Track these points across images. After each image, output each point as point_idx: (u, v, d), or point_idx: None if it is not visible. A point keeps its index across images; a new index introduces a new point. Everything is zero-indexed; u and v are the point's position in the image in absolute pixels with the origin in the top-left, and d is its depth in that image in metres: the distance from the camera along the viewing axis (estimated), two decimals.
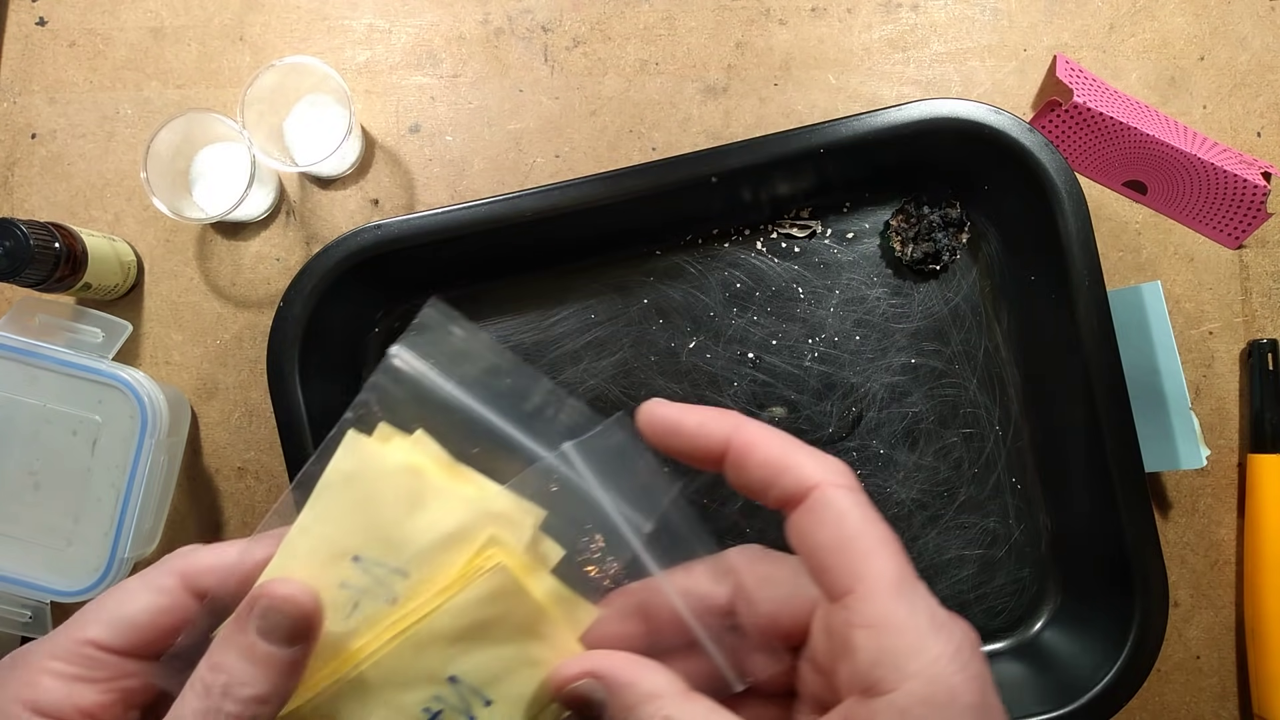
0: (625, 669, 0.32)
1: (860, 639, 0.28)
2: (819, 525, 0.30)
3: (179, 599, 0.33)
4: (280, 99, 0.53)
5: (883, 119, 0.48)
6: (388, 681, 0.33)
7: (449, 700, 0.34)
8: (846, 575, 0.29)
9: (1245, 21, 0.56)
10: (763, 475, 0.31)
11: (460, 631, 0.33)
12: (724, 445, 0.32)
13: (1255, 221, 0.54)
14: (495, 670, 0.34)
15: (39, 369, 0.49)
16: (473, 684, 0.34)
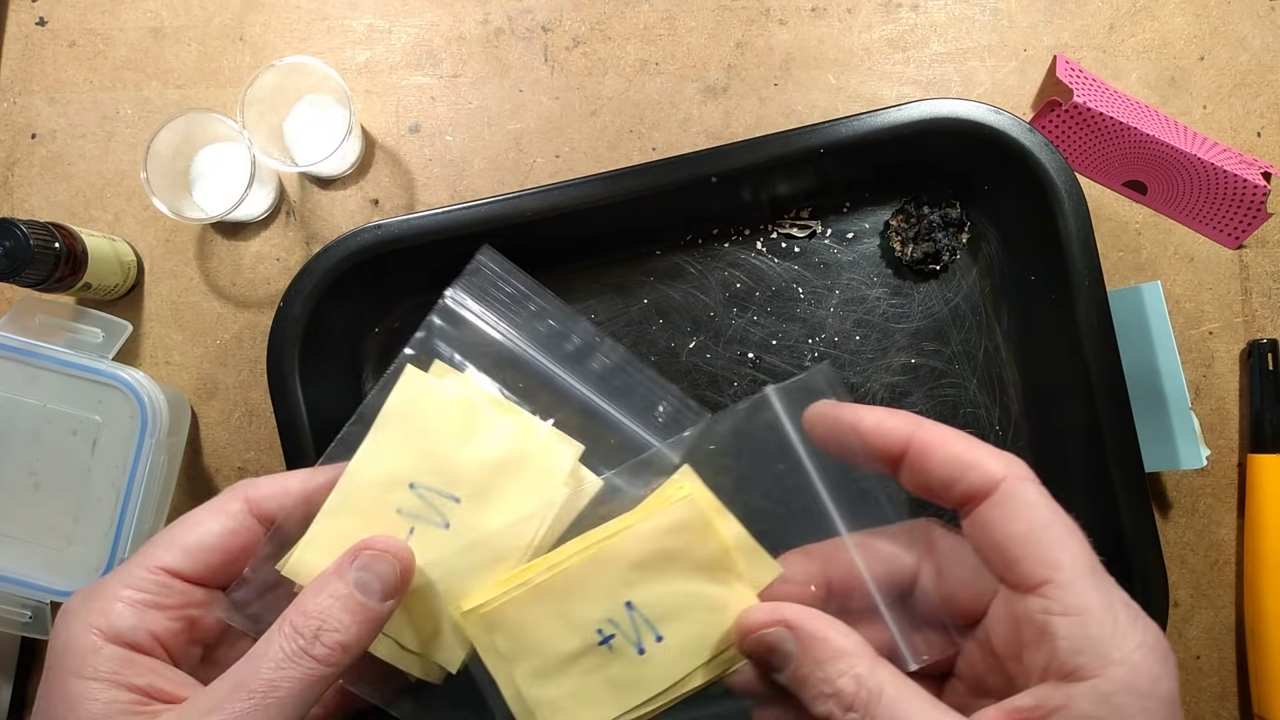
0: (818, 623, 0.32)
1: (1061, 626, 0.28)
2: (1009, 517, 0.30)
3: (245, 523, 0.34)
4: (280, 99, 0.53)
5: (883, 119, 0.48)
6: (569, 593, 0.34)
7: (623, 626, 0.34)
8: (1042, 565, 0.29)
9: (1245, 21, 0.56)
10: (945, 473, 0.31)
11: (643, 558, 0.34)
12: (904, 445, 0.32)
13: (1255, 221, 0.54)
14: (671, 606, 0.34)
15: (39, 369, 0.49)
16: (647, 615, 0.34)
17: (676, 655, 0.34)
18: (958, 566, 0.33)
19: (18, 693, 0.53)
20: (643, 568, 0.34)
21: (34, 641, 0.54)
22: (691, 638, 0.34)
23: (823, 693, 0.30)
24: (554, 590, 0.34)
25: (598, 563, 0.34)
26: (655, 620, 0.34)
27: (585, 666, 0.34)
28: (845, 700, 0.30)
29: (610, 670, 0.34)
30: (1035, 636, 0.29)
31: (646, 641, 0.34)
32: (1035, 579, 0.29)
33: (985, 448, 0.32)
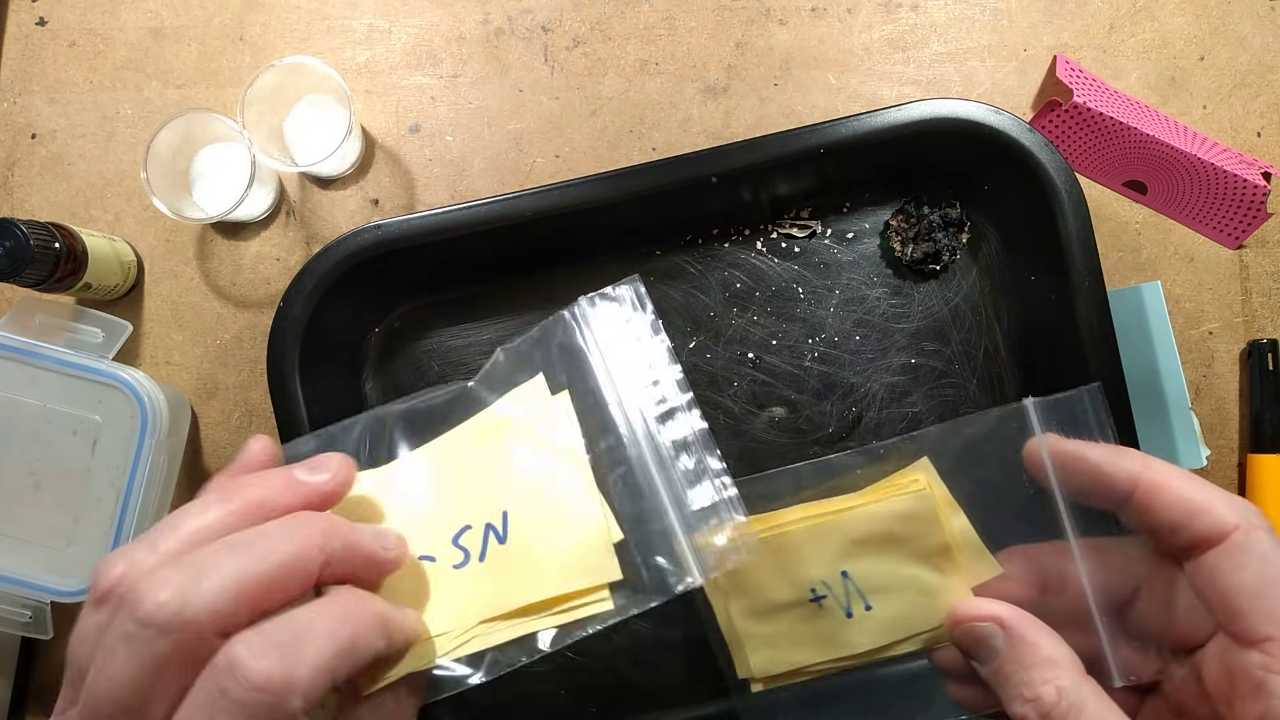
0: (1031, 628, 0.32)
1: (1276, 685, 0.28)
2: (1240, 568, 0.29)
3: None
4: (280, 99, 0.53)
5: (883, 119, 0.48)
6: (790, 553, 0.36)
7: (835, 590, 0.37)
8: (1268, 621, 0.29)
9: (1245, 21, 0.56)
10: (1173, 517, 0.31)
11: (866, 536, 0.37)
12: (1132, 484, 0.32)
13: (1255, 221, 0.54)
14: (884, 582, 0.37)
15: (39, 369, 0.49)
16: (860, 586, 0.37)
17: (881, 626, 0.37)
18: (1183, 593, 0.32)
19: (18, 693, 0.53)
20: (864, 544, 0.36)
21: (34, 641, 0.54)
22: (899, 614, 0.37)
23: (1022, 695, 0.31)
24: (776, 548, 0.36)
25: (822, 532, 0.36)
26: (867, 591, 0.37)
27: (795, 615, 0.37)
28: (1043, 708, 0.30)
29: (817, 624, 0.37)
30: (1251, 690, 0.29)
31: (855, 608, 0.37)
32: (1258, 634, 0.29)
33: (1218, 493, 0.31)
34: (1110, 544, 0.35)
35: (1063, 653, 0.31)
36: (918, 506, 0.36)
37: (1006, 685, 0.32)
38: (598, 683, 0.50)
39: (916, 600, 0.36)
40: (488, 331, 0.53)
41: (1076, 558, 0.34)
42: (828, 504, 0.37)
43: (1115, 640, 0.34)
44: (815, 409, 0.52)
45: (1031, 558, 0.36)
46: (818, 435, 0.52)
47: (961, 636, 0.34)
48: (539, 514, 0.35)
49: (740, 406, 0.52)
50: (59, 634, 0.53)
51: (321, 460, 0.33)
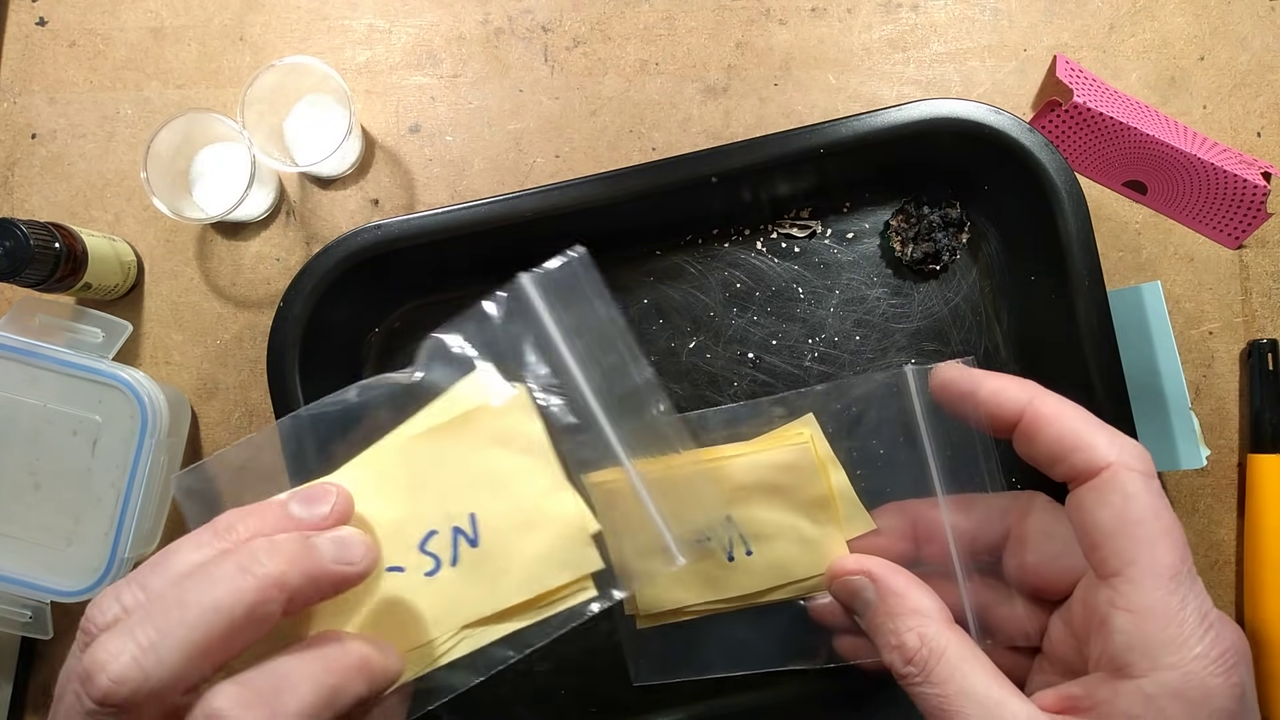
0: (898, 580, 0.34)
1: (1119, 620, 0.28)
2: (1101, 504, 0.30)
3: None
4: (280, 99, 0.53)
5: (883, 119, 0.48)
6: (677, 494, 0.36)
7: (718, 535, 0.38)
8: (1118, 558, 0.29)
9: (1245, 21, 0.56)
10: (1054, 449, 0.32)
11: (750, 483, 0.38)
12: (1018, 414, 0.33)
13: (1255, 221, 0.54)
14: (765, 530, 0.38)
15: (39, 369, 0.49)
16: (743, 531, 0.38)
17: (761, 571, 0.38)
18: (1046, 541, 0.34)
19: (18, 692, 0.53)
20: (748, 491, 0.38)
21: (34, 641, 0.54)
22: (778, 560, 0.38)
23: (889, 643, 0.32)
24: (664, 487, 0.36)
25: (708, 477, 0.37)
26: (749, 537, 0.38)
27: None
28: (907, 654, 0.31)
29: (700, 566, 0.38)
30: (1097, 626, 0.29)
31: (737, 552, 0.38)
32: (1109, 569, 0.29)
33: (1103, 430, 0.31)
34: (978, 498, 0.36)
35: (928, 603, 0.33)
36: (799, 459, 0.38)
37: (878, 635, 0.33)
38: (598, 682, 0.50)
39: (795, 549, 0.38)
40: None
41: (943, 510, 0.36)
42: (716, 450, 0.38)
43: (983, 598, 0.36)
44: None
45: (906, 512, 0.38)
46: None
47: (838, 590, 0.36)
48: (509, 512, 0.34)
49: None
50: (59, 634, 0.53)
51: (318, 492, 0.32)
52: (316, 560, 0.29)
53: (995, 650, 0.35)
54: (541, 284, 0.38)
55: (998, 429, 0.34)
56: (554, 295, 0.37)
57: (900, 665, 0.32)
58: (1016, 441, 0.33)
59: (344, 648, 0.29)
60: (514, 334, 0.37)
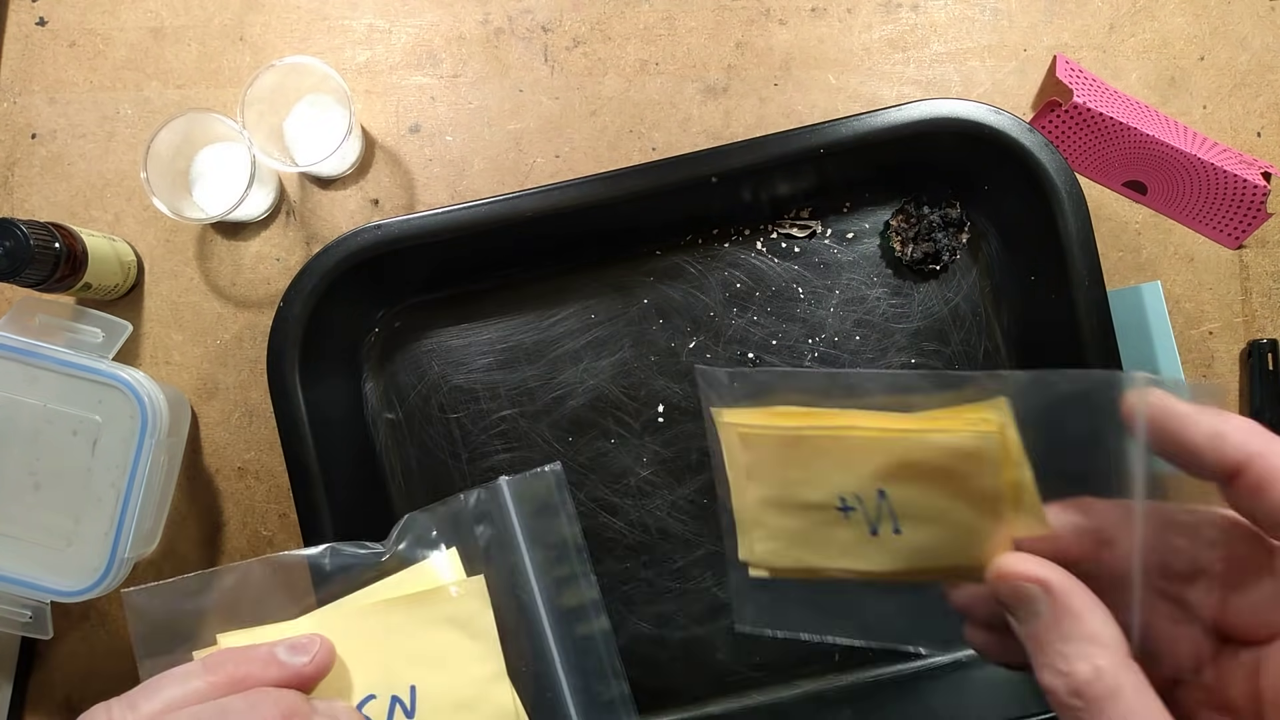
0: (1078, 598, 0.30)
1: None
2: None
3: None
4: (280, 99, 0.53)
5: (883, 119, 0.48)
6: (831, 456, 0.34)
7: (867, 505, 0.34)
8: None
9: (1245, 21, 0.56)
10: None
11: (918, 462, 0.33)
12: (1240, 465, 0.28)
13: (1255, 221, 0.54)
14: (922, 511, 0.34)
15: (39, 369, 0.48)
16: (895, 509, 0.34)
17: (905, 552, 0.34)
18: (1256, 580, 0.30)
19: (18, 693, 0.53)
20: (913, 469, 0.33)
21: (34, 641, 0.54)
22: (927, 545, 0.34)
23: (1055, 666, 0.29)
24: (818, 447, 0.33)
25: (872, 446, 0.33)
26: (901, 515, 0.34)
27: (816, 518, 0.34)
28: (1075, 684, 0.28)
29: (836, 531, 0.34)
30: None
31: (883, 528, 0.34)
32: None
33: None
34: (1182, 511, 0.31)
35: (1109, 631, 0.29)
36: (983, 447, 0.33)
37: (1042, 651, 0.29)
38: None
39: (950, 536, 0.34)
40: (488, 331, 0.53)
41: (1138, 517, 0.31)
42: (887, 418, 0.34)
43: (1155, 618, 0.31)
44: None
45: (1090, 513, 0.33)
46: None
47: (1005, 592, 0.31)
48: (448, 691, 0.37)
49: None
50: (59, 634, 0.53)
51: (304, 643, 0.35)
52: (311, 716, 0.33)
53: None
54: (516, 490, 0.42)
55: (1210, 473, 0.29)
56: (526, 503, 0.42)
57: (1065, 694, 0.28)
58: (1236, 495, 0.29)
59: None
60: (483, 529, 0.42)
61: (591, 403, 0.52)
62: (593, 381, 0.52)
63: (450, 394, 0.52)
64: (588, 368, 0.52)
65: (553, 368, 0.52)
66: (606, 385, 0.52)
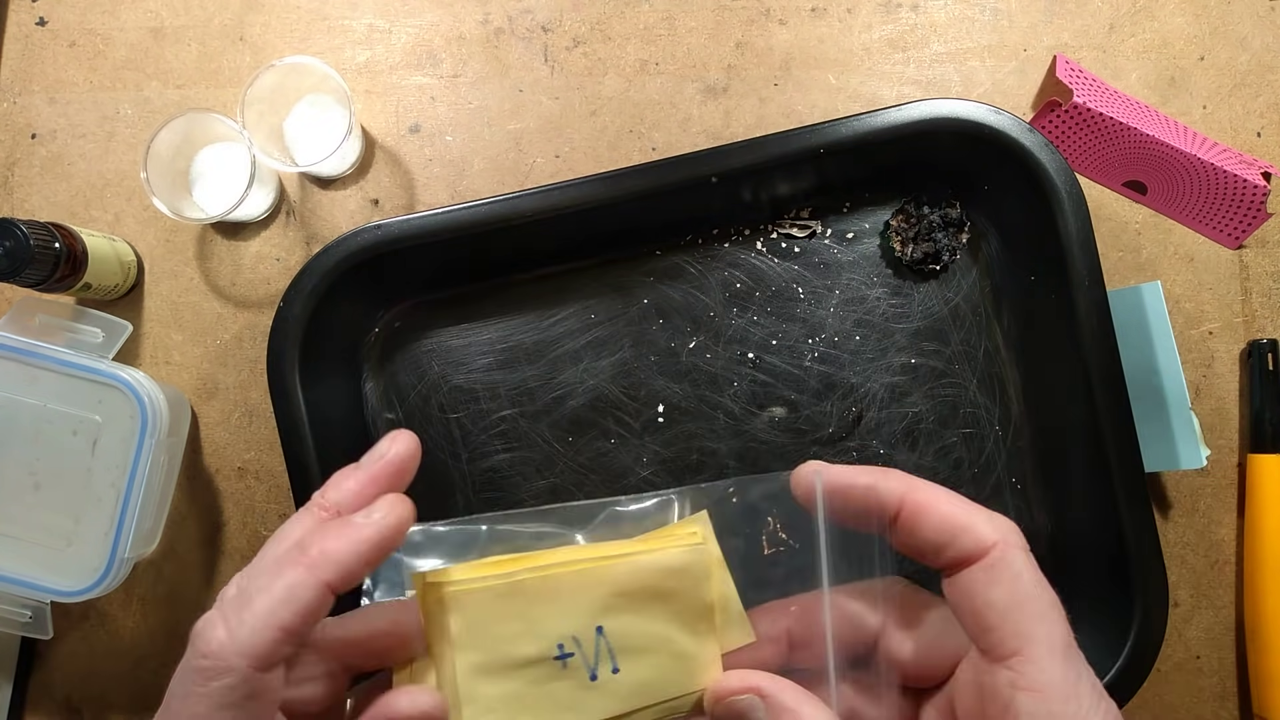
0: (790, 694, 0.32)
1: (1024, 702, 0.28)
2: (993, 584, 0.29)
3: None
4: (280, 99, 0.53)
5: (883, 119, 0.48)
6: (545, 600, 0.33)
7: (585, 648, 0.33)
8: (1015, 637, 0.29)
9: (1245, 21, 0.56)
10: (937, 536, 0.31)
11: (632, 588, 0.33)
12: (898, 504, 0.31)
13: (1255, 221, 0.54)
14: (639, 643, 0.33)
15: (39, 369, 0.48)
16: (612, 644, 0.33)
17: (626, 692, 0.33)
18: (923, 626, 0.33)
19: (18, 692, 0.53)
20: (628, 597, 0.33)
21: (34, 641, 0.54)
22: (647, 680, 0.34)
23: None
24: (531, 593, 0.32)
25: (586, 580, 0.33)
26: (618, 651, 0.33)
27: (532, 676, 0.32)
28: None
29: (554, 686, 0.33)
30: (999, 710, 0.29)
31: (602, 670, 0.33)
32: (1007, 650, 0.29)
33: (979, 511, 0.31)
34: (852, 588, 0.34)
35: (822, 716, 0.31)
36: (692, 561, 0.34)
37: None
38: None
39: (667, 664, 0.34)
40: (488, 331, 0.53)
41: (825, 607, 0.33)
42: (597, 549, 0.34)
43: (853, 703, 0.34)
44: (815, 409, 0.52)
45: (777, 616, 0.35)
46: (818, 435, 0.52)
47: (724, 713, 0.33)
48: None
49: (740, 406, 0.52)
50: (59, 634, 0.53)
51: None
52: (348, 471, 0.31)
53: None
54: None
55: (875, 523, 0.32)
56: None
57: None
58: (897, 534, 0.32)
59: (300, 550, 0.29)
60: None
61: (591, 403, 0.52)
62: (593, 381, 0.52)
63: (450, 394, 0.52)
64: (588, 368, 0.52)
65: (553, 368, 0.52)
66: (606, 385, 0.52)
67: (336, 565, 0.28)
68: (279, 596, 0.27)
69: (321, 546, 0.28)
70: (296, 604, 0.27)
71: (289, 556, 0.28)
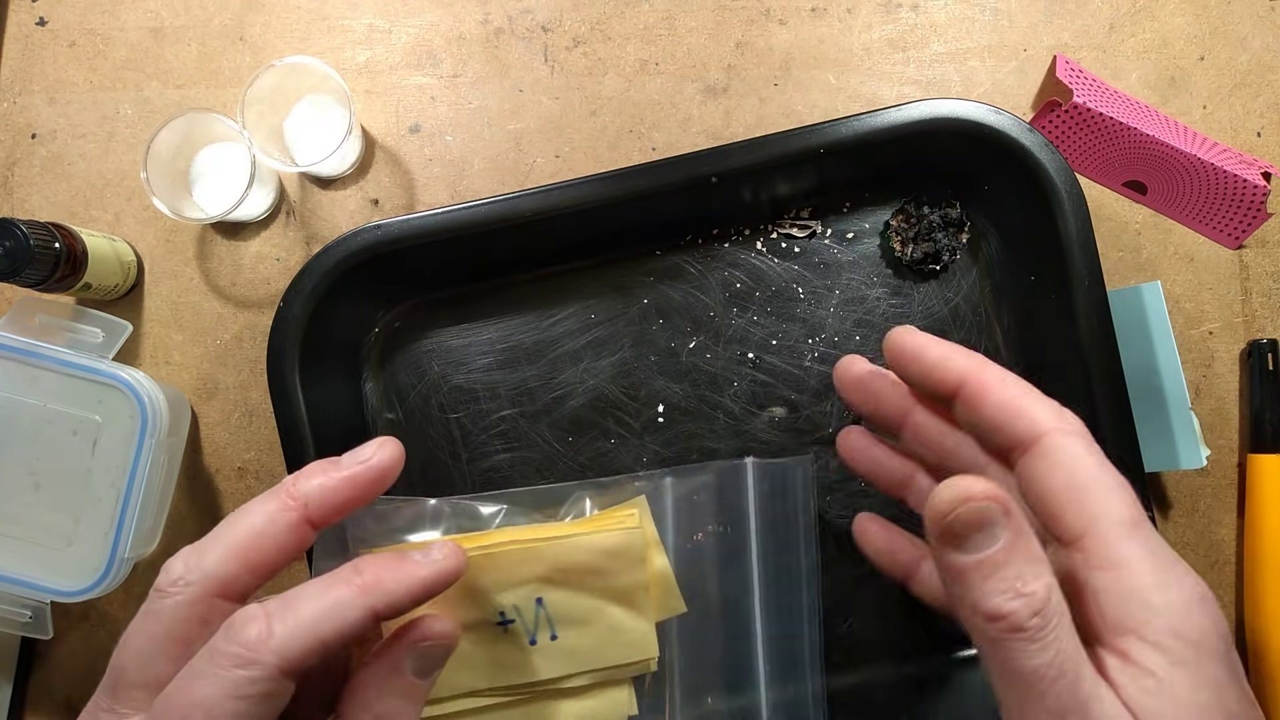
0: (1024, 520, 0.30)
1: (1100, 580, 0.28)
2: (1051, 470, 0.30)
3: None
4: (280, 99, 0.53)
5: (883, 119, 0.48)
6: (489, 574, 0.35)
7: (525, 616, 0.36)
8: (1080, 519, 0.29)
9: (1245, 21, 0.56)
10: (995, 416, 0.32)
11: (571, 565, 0.36)
12: (960, 381, 0.33)
13: (1255, 221, 0.54)
14: (577, 614, 0.36)
15: (39, 369, 0.48)
16: (552, 614, 0.36)
17: (563, 656, 0.36)
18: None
19: (18, 693, 0.53)
20: (567, 573, 0.36)
21: (34, 641, 0.54)
22: (584, 647, 0.36)
23: (1016, 589, 0.28)
24: (476, 566, 0.35)
25: (528, 557, 0.35)
26: (558, 620, 0.36)
27: (473, 638, 0.35)
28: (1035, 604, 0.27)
29: (497, 649, 0.36)
30: (1079, 592, 0.29)
31: (541, 636, 0.36)
32: (1074, 533, 0.29)
33: (1041, 399, 0.32)
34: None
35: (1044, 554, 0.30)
36: (628, 542, 0.36)
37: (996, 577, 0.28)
38: None
39: (603, 635, 0.36)
40: (488, 331, 0.53)
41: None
42: (541, 529, 0.37)
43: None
44: (815, 409, 0.52)
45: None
46: (818, 435, 0.52)
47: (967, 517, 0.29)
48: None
49: (740, 406, 0.52)
50: (59, 634, 0.53)
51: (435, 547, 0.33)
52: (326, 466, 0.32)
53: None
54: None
55: (940, 393, 0.34)
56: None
57: (1026, 616, 0.27)
58: (959, 407, 0.34)
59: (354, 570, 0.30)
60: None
61: (591, 403, 0.52)
62: (593, 381, 0.52)
63: (450, 394, 0.52)
64: (588, 368, 0.52)
65: (553, 368, 0.52)
66: (606, 385, 0.52)
67: (388, 596, 0.29)
68: (325, 609, 0.28)
69: (378, 575, 0.29)
70: (340, 622, 0.28)
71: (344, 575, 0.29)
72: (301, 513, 0.31)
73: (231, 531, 0.30)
